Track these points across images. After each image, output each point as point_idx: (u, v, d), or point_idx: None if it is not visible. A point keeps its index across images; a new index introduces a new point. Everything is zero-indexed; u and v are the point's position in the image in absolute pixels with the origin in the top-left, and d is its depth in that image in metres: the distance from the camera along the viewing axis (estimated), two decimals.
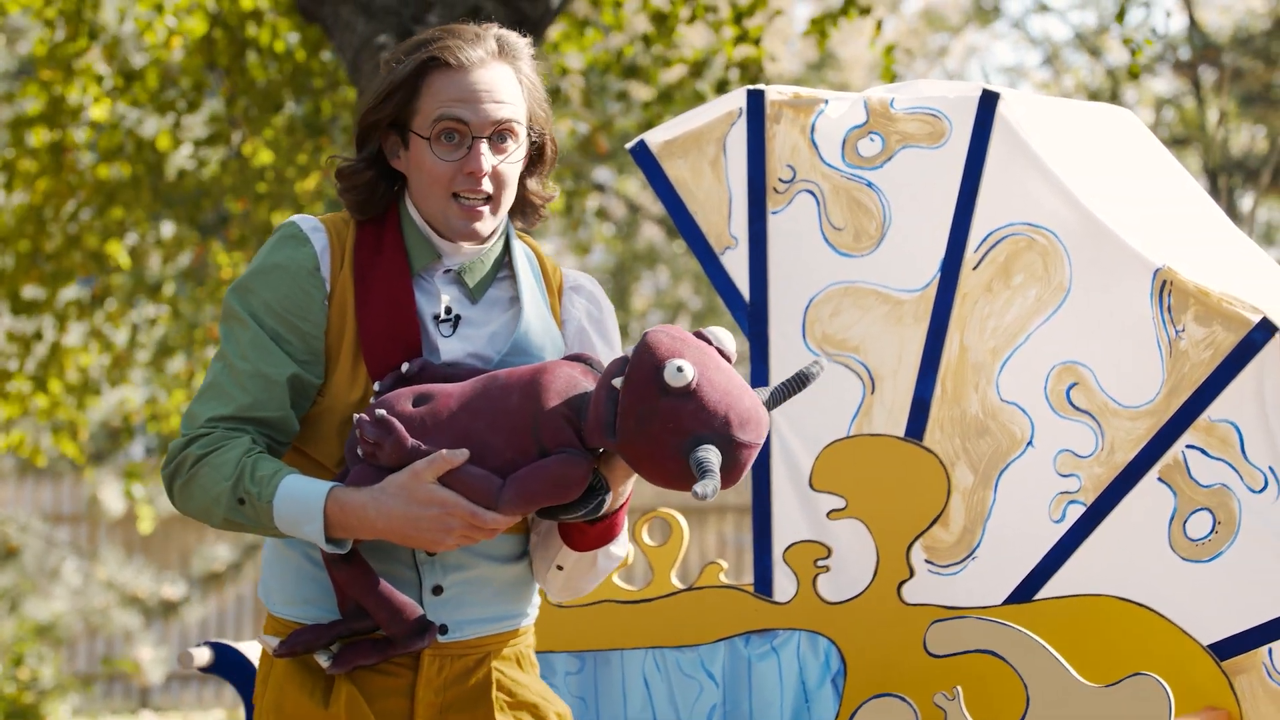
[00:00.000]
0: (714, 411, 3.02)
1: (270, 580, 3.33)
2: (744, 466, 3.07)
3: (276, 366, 3.20)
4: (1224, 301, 4.06)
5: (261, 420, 3.20)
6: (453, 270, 3.31)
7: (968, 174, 4.32)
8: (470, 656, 3.26)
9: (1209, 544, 4.08)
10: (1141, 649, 3.97)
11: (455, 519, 3.06)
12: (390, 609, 3.16)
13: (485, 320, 3.32)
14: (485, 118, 3.23)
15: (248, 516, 3.13)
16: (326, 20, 8.68)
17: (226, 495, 3.13)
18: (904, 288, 4.38)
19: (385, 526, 3.07)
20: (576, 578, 3.36)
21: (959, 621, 3.95)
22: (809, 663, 4.15)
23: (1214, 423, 4.07)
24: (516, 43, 3.32)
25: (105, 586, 14.92)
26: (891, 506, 4.12)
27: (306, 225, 3.30)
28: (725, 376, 3.07)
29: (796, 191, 4.45)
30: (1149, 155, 4.70)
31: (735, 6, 10.38)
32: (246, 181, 11.27)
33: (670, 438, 3.02)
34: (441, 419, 3.12)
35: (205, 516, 3.19)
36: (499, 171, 3.26)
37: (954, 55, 24.48)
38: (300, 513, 3.10)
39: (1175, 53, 11.37)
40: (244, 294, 3.26)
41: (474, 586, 3.26)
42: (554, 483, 3.08)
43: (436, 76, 3.25)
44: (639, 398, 3.03)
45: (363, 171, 3.31)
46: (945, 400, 4.32)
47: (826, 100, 4.50)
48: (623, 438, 3.05)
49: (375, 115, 3.29)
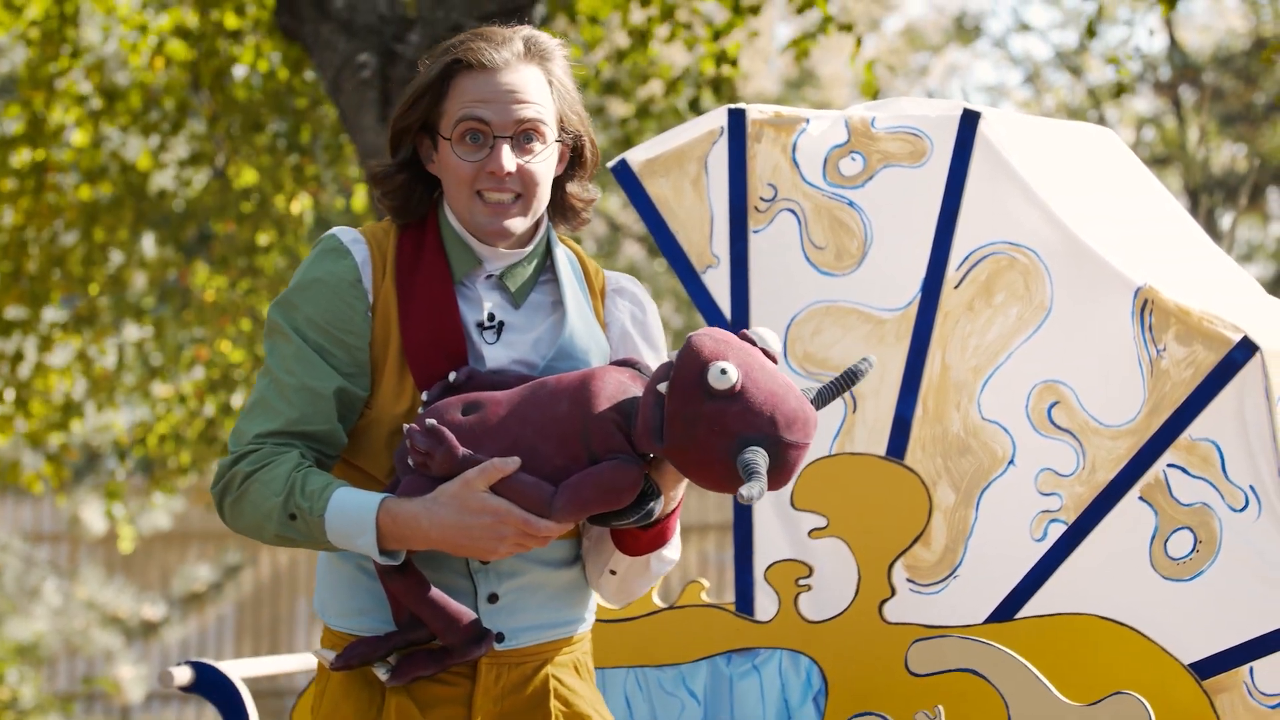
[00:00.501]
0: (759, 412, 3.01)
1: (325, 592, 3.32)
2: (793, 466, 3.05)
3: (322, 380, 3.20)
4: (1205, 320, 4.06)
5: (309, 434, 3.19)
6: (494, 276, 3.30)
7: (949, 193, 4.32)
8: (528, 664, 3.25)
9: (1190, 563, 4.08)
10: (1123, 668, 3.97)
11: (508, 527, 3.05)
12: (446, 618, 3.15)
13: (529, 325, 3.31)
14: (507, 117, 3.22)
15: (300, 531, 3.12)
16: (307, 39, 8.69)
17: (278, 511, 3.12)
18: (885, 307, 4.38)
19: (438, 536, 3.06)
20: (630, 581, 3.34)
21: (940, 640, 3.95)
22: (790, 681, 4.15)
23: (1195, 441, 4.07)
24: (547, 44, 3.31)
25: (86, 606, 14.89)
26: (873, 525, 4.12)
27: (346, 237, 3.30)
28: (770, 377, 3.05)
29: (778, 210, 4.45)
30: (1130, 174, 4.71)
31: (711, 25, 10.41)
32: (229, 202, 11.27)
33: (717, 440, 3.01)
34: (491, 427, 3.11)
35: (257, 533, 3.18)
36: (526, 171, 3.24)
37: (935, 74, 24.53)
38: (352, 525, 3.08)
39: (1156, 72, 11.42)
40: (287, 309, 3.25)
41: (529, 593, 3.25)
42: (606, 489, 3.07)
43: (462, 78, 3.25)
44: (684, 402, 3.02)
45: (395, 175, 3.31)
46: (927, 419, 4.32)
47: (808, 119, 4.50)
48: (670, 442, 3.04)
49: (405, 119, 3.29)
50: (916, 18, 27.40)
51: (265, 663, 4.76)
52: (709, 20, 10.56)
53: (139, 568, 16.52)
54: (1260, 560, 4.02)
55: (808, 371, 4.40)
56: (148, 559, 16.56)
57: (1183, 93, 18.52)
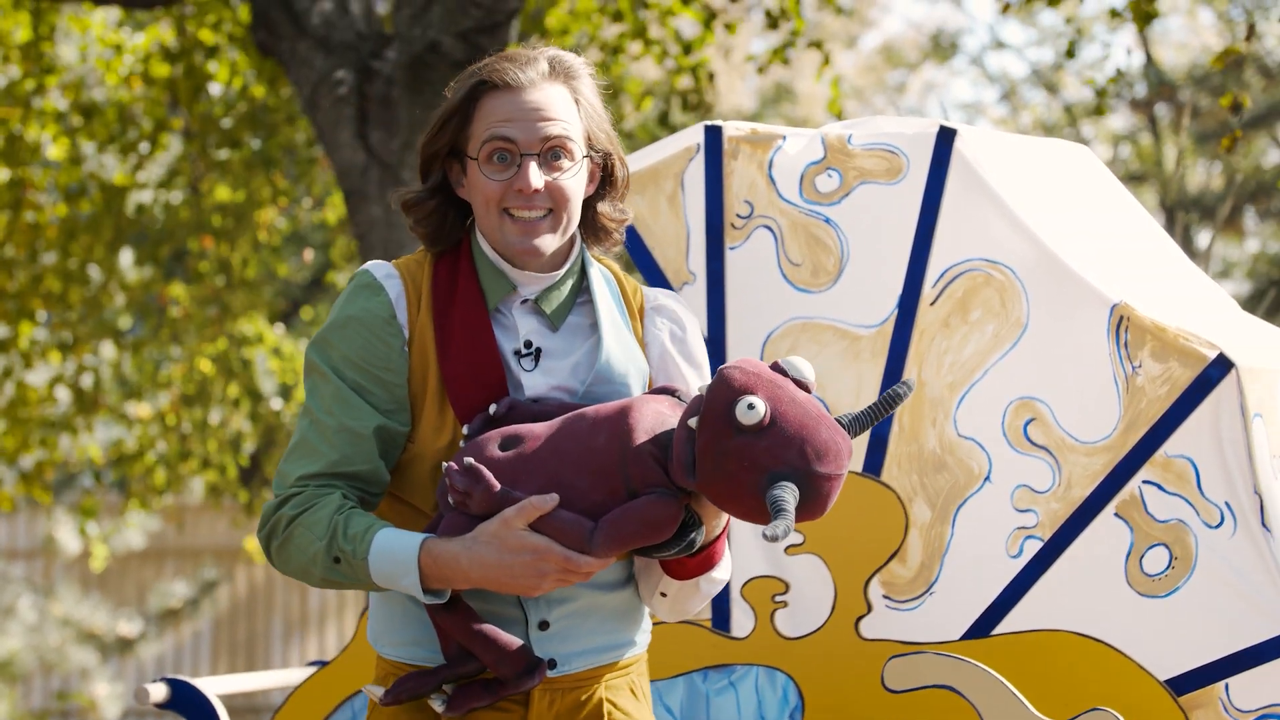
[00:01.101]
0: (788, 446, 2.99)
1: (377, 624, 3.30)
2: (827, 497, 3.03)
3: (361, 420, 3.19)
4: (1180, 337, 4.07)
5: (351, 475, 3.19)
6: (530, 300, 3.28)
7: (925, 210, 4.33)
8: (581, 689, 3.24)
9: (1165, 579, 4.09)
10: (1098, 684, 3.97)
11: (549, 564, 3.04)
12: (497, 651, 3.14)
13: (567, 350, 3.29)
14: (534, 135, 3.21)
15: (345, 574, 3.12)
16: (284, 56, 8.69)
17: (322, 555, 3.11)
18: (861, 323, 4.38)
19: (480, 576, 3.06)
20: (682, 602, 3.33)
21: (917, 657, 3.95)
22: (767, 698, 4.15)
23: (1170, 458, 4.08)
24: (572, 63, 3.30)
25: (61, 623, 14.86)
26: (849, 542, 4.12)
27: (380, 273, 3.28)
28: (800, 409, 3.03)
29: (754, 227, 4.45)
30: (1106, 191, 4.72)
31: (681, 41, 10.43)
32: (205, 218, 11.28)
33: (747, 475, 2.99)
34: (530, 462, 3.10)
35: (304, 576, 3.18)
36: (554, 187, 3.22)
37: (912, 91, 24.59)
38: (396, 567, 3.08)
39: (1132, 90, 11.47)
40: (324, 348, 3.24)
41: (580, 618, 3.24)
42: (646, 524, 3.06)
43: (487, 99, 3.24)
44: (714, 437, 3.01)
45: (426, 201, 3.30)
46: (903, 436, 4.32)
47: (784, 136, 4.50)
48: (702, 478, 3.03)
49: (434, 145, 3.28)
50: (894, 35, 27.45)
51: (241, 679, 4.75)
52: (679, 35, 10.60)
53: (115, 584, 16.49)
54: (1236, 576, 4.02)
55: None
56: (123, 575, 16.53)
57: (1158, 110, 18.58)
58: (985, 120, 22.58)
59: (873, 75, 24.22)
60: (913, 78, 24.75)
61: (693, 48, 10.38)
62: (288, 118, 11.03)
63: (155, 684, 4.31)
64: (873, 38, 26.44)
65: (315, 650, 17.05)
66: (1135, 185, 17.94)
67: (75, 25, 11.05)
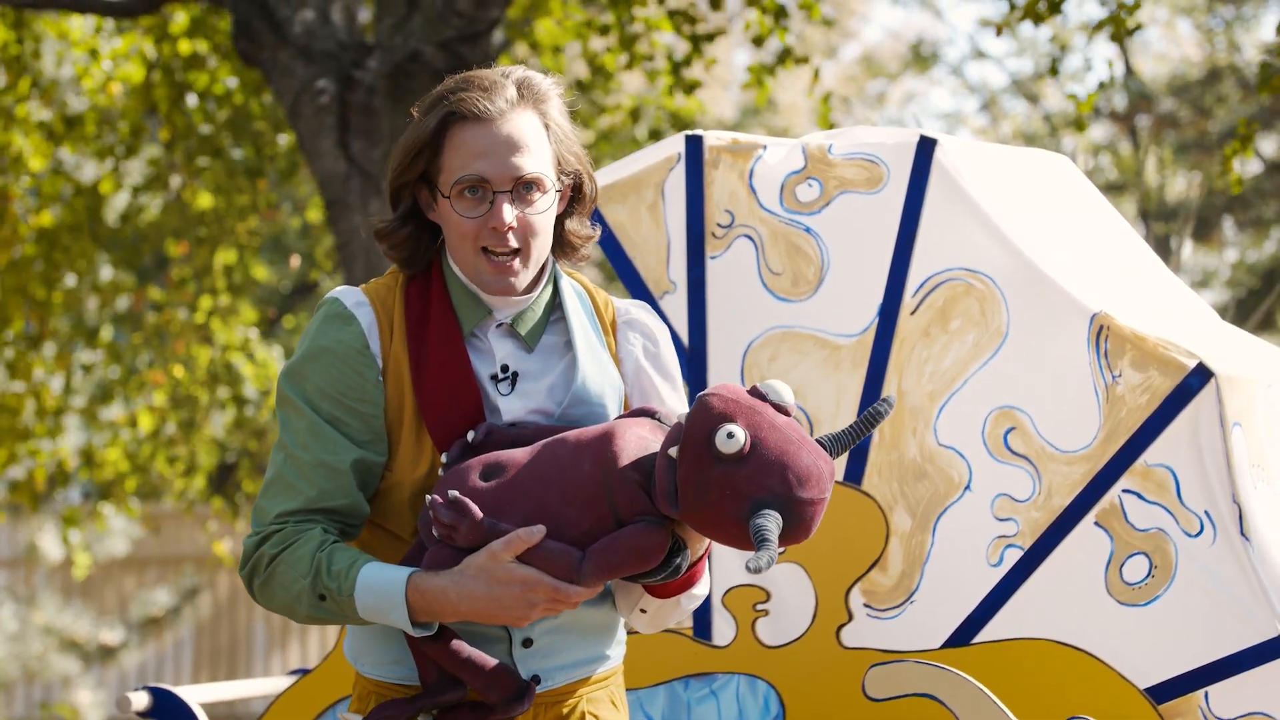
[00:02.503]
0: (770, 474, 2.98)
1: (356, 642, 3.29)
2: (810, 522, 3.01)
3: (338, 455, 3.17)
4: (1160, 347, 4.08)
5: (330, 510, 3.17)
6: (505, 323, 3.26)
7: (905, 219, 4.34)
8: (563, 703, 3.24)
9: (1145, 588, 4.09)
10: (1079, 693, 3.98)
11: (539, 595, 3.04)
12: (486, 677, 3.13)
13: (543, 371, 3.27)
14: (506, 173, 3.18)
15: (331, 611, 3.11)
16: (265, 65, 8.69)
17: (307, 593, 3.10)
18: (842, 332, 4.39)
19: (469, 609, 3.05)
20: (662, 617, 3.33)
21: (897, 665, 3.96)
22: (748, 706, 4.15)
23: (1150, 467, 4.09)
24: (540, 85, 3.26)
25: (43, 631, 14.83)
26: (830, 550, 4.12)
27: (350, 301, 3.26)
28: (781, 435, 3.02)
29: (735, 236, 4.46)
30: (1085, 200, 4.73)
31: (671, 59, 10.45)
32: (186, 225, 11.27)
33: (729, 504, 2.98)
34: (513, 491, 3.09)
35: (289, 612, 3.16)
36: (526, 223, 3.20)
37: (892, 101, 24.62)
38: (383, 603, 3.07)
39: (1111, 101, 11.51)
40: (297, 380, 3.22)
41: (562, 634, 3.23)
42: (634, 552, 3.05)
43: (458, 131, 3.20)
44: (694, 467, 3.00)
45: (400, 229, 3.27)
46: (883, 445, 4.33)
47: (765, 146, 4.51)
48: (684, 507, 3.02)
49: (405, 176, 3.25)
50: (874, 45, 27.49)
51: (223, 688, 4.75)
52: (669, 52, 10.62)
53: (97, 592, 16.46)
54: (1215, 585, 4.03)
55: None
56: (105, 584, 16.50)
57: (1138, 121, 18.62)
58: (965, 130, 22.61)
59: (853, 85, 24.26)
60: (893, 87, 24.80)
61: (681, 65, 10.40)
62: (272, 124, 11.03)
63: (137, 692, 4.31)
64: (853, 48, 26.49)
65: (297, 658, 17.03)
66: (1114, 195, 17.97)
67: (51, 29, 11.03)
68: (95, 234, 11.17)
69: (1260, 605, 4.00)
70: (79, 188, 11.15)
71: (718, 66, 17.07)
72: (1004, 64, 27.48)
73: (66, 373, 11.82)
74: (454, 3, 8.23)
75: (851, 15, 24.48)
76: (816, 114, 10.21)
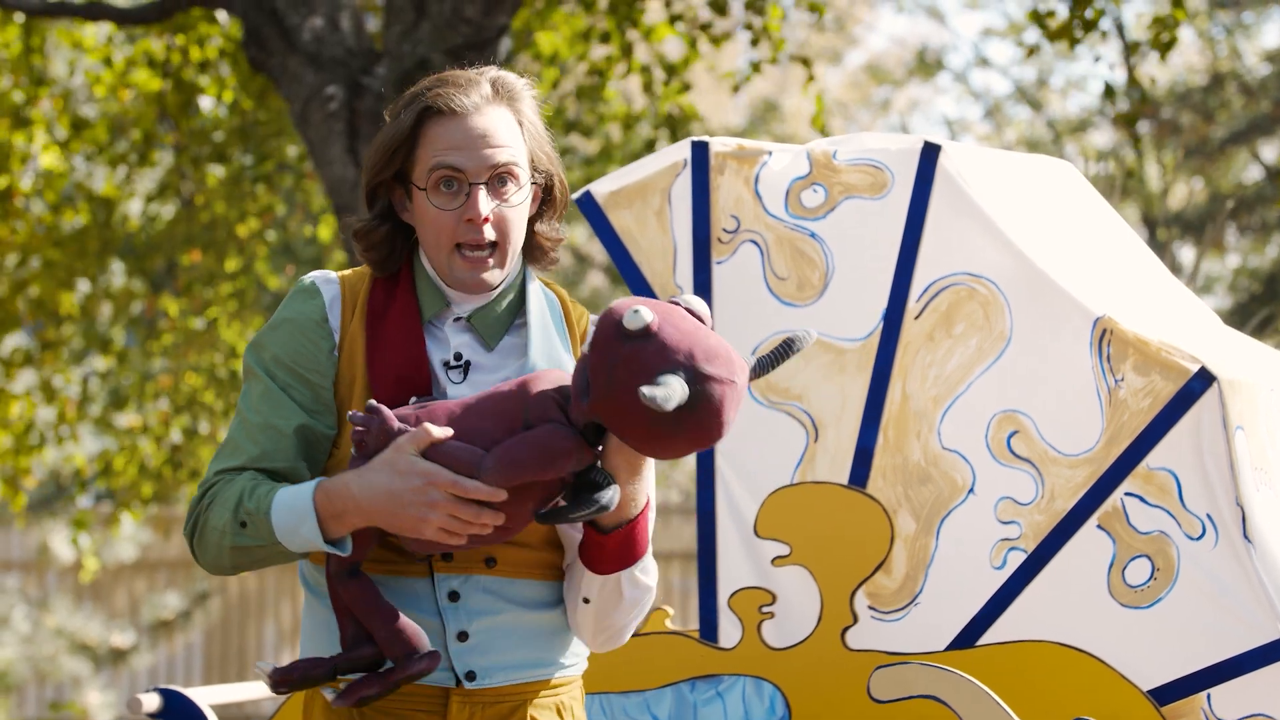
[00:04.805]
0: (676, 348, 2.95)
1: (305, 639, 3.28)
2: (719, 404, 2.97)
3: (285, 418, 3.19)
4: (1163, 351, 4.09)
5: (270, 471, 3.17)
6: (464, 318, 3.27)
7: (910, 224, 4.35)
8: (504, 704, 3.20)
9: (1148, 590, 4.11)
10: (1082, 695, 3.99)
11: (437, 490, 2.99)
12: (391, 630, 3.09)
13: (498, 366, 3.27)
14: (481, 163, 3.19)
15: (251, 537, 3.10)
16: (275, 72, 8.70)
17: (229, 523, 3.10)
18: (847, 337, 4.40)
19: (369, 503, 3.02)
20: (606, 613, 3.25)
21: (902, 667, 3.98)
22: (754, 708, 4.16)
23: (1153, 471, 4.10)
24: (514, 84, 3.28)
25: (54, 633, 14.85)
26: (835, 553, 4.14)
27: (320, 279, 3.29)
28: (691, 324, 3.01)
29: (740, 242, 4.48)
30: (1088, 206, 4.75)
31: (665, 63, 10.48)
32: (195, 232, 11.28)
33: (635, 379, 2.95)
34: (434, 414, 3.08)
35: (218, 558, 3.16)
36: (501, 216, 3.21)
37: (896, 108, 24.61)
38: (295, 515, 3.06)
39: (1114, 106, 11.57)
40: (257, 350, 3.25)
41: (502, 633, 3.20)
42: (538, 449, 3.03)
43: (432, 126, 3.22)
44: (604, 351, 2.98)
45: (377, 229, 3.29)
46: (888, 448, 4.34)
47: (770, 152, 4.52)
48: (595, 395, 2.99)
49: (381, 174, 3.27)
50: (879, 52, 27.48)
51: (233, 689, 4.76)
52: (664, 59, 10.65)
53: (107, 595, 16.48)
54: (1217, 588, 4.05)
55: (769, 401, 4.43)
56: (116, 587, 16.51)
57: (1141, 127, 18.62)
58: (970, 136, 22.60)
59: (858, 92, 24.26)
60: (898, 94, 24.78)
61: (677, 70, 10.42)
62: (278, 131, 11.04)
63: (148, 694, 4.32)
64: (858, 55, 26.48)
65: None
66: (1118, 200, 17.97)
67: (64, 38, 11.06)
68: (105, 240, 11.20)
69: (1262, 608, 4.01)
70: (90, 195, 11.18)
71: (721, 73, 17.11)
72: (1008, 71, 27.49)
73: (83, 382, 11.85)
74: (462, 10, 8.25)
75: (857, 23, 24.47)
76: (821, 121, 10.21)
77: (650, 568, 3.27)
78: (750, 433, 4.41)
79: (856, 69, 25.33)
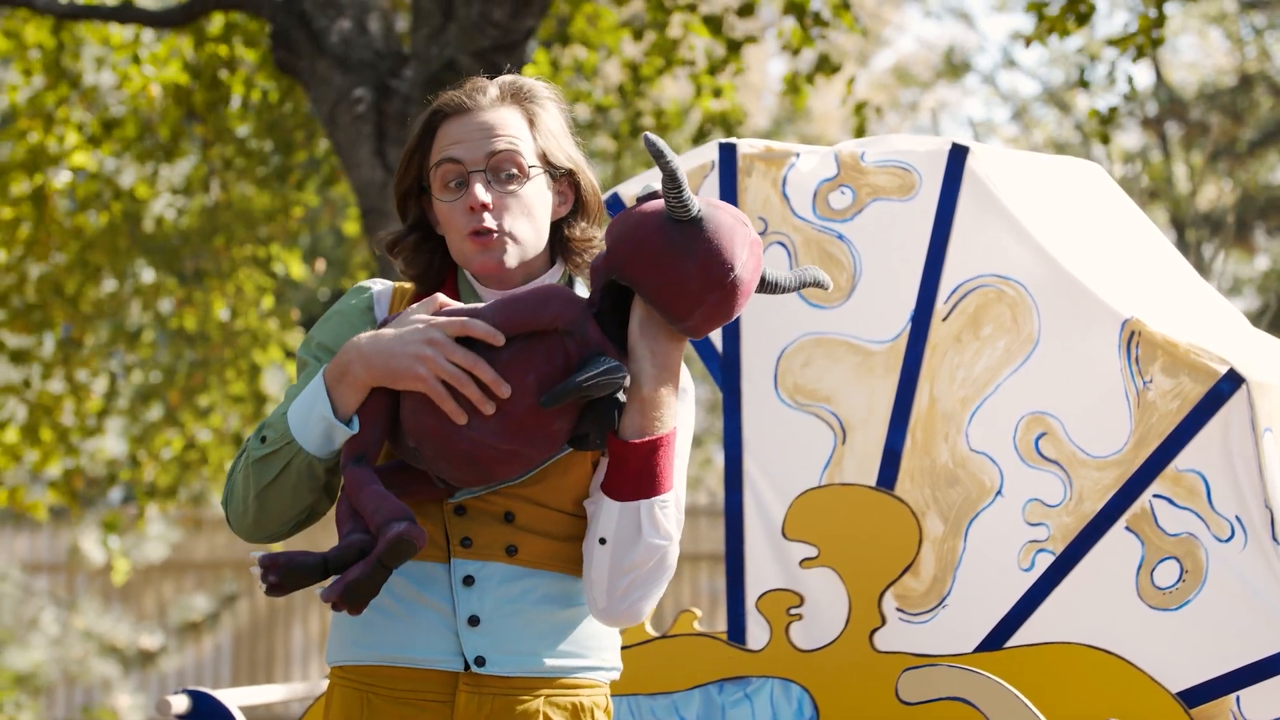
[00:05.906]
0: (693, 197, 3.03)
1: (331, 642, 3.28)
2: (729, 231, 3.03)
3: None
4: (1191, 353, 4.09)
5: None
6: None
7: (937, 226, 4.35)
8: (514, 697, 3.16)
9: (1176, 592, 4.10)
10: (1111, 696, 3.99)
11: (436, 329, 3.05)
12: (377, 501, 3.03)
13: None
14: (477, 151, 3.24)
15: (271, 444, 3.12)
16: (303, 74, 8.73)
17: (254, 445, 3.14)
18: (874, 339, 4.40)
19: (370, 345, 3.06)
20: (623, 554, 3.15)
21: (930, 669, 3.97)
22: (782, 709, 4.17)
23: (1181, 472, 4.10)
24: (529, 86, 3.32)
25: (84, 636, 14.89)
26: (863, 555, 4.14)
27: (373, 280, 3.36)
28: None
29: (768, 243, 4.48)
30: (1116, 208, 4.74)
31: (710, 59, 10.49)
32: (219, 228, 11.32)
33: (654, 208, 3.03)
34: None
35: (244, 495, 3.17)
36: (502, 204, 3.23)
37: (924, 110, 24.58)
38: (308, 396, 3.11)
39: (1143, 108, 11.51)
40: (307, 343, 3.31)
41: (516, 623, 3.17)
42: (534, 292, 3.09)
43: (440, 128, 3.29)
44: (620, 215, 3.07)
45: (407, 238, 3.34)
46: (915, 450, 4.34)
47: (798, 154, 4.53)
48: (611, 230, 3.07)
49: (404, 182, 3.33)
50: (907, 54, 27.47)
51: (262, 691, 4.77)
52: (709, 53, 10.66)
53: (136, 597, 16.51)
54: (1246, 589, 4.04)
55: (797, 403, 4.43)
56: (145, 589, 16.55)
57: (1169, 129, 18.59)
58: (997, 139, 22.57)
59: (886, 94, 24.23)
60: (925, 96, 24.76)
61: (716, 68, 10.43)
62: (307, 133, 11.07)
63: (177, 696, 4.33)
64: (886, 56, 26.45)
65: None
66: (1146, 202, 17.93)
67: (93, 35, 11.10)
68: (134, 237, 11.24)
69: None
70: (118, 192, 11.22)
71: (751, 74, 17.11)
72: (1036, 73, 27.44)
73: (110, 377, 11.87)
74: (489, 12, 8.26)
75: (885, 25, 24.46)
76: (850, 122, 10.22)
77: (672, 514, 3.17)
78: (778, 435, 4.42)
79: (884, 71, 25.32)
